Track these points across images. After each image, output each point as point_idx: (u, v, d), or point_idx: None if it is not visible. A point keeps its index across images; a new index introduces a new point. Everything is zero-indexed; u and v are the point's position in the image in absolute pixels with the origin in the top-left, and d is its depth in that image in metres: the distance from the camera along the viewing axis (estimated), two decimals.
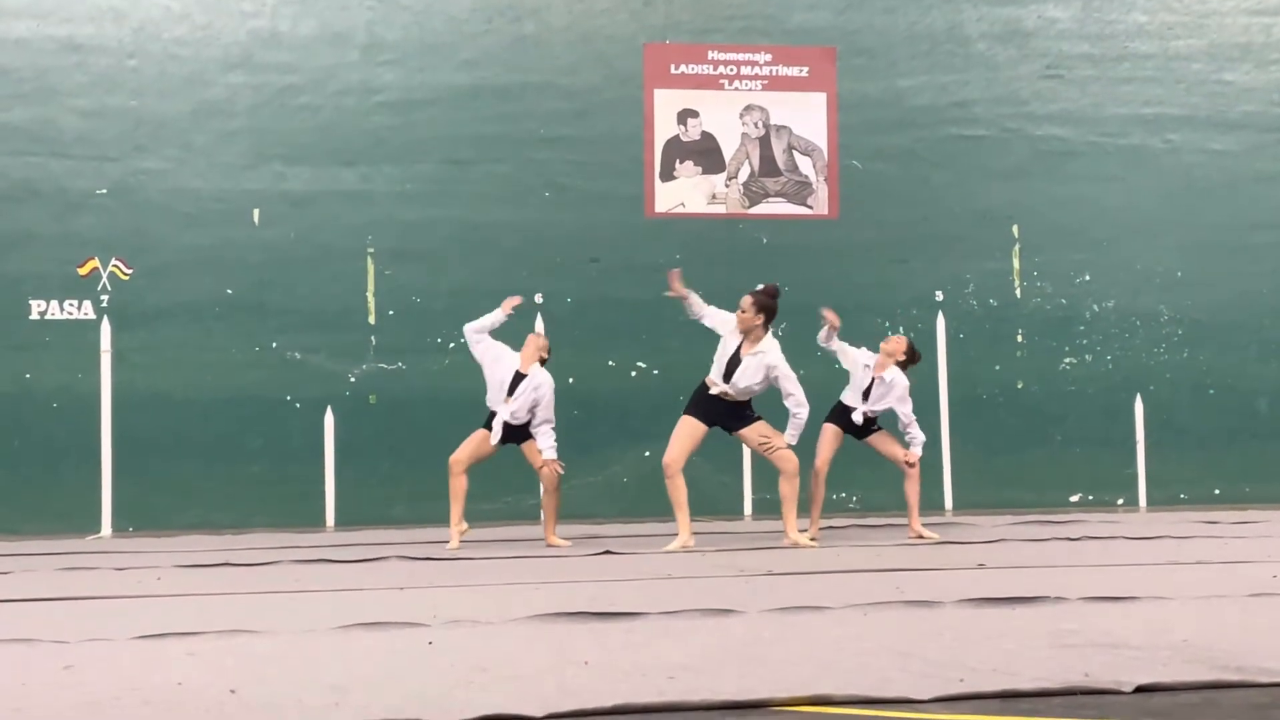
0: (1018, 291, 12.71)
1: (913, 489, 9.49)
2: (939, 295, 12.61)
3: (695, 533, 9.10)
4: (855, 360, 9.46)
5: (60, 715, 3.56)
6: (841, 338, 9.44)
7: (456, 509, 9.14)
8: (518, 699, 3.70)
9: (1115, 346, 12.74)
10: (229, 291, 11.64)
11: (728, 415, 8.94)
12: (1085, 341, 12.73)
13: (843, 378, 9.53)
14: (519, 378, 9.12)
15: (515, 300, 9.33)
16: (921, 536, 9.37)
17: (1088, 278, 12.76)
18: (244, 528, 11.11)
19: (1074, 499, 12.44)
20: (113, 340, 11.55)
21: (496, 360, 9.22)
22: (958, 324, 12.63)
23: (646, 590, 6.40)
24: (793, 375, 8.78)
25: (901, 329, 12.37)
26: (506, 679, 4.05)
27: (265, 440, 11.68)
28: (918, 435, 9.38)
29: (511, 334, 9.33)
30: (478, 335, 9.25)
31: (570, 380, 12.13)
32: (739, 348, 8.79)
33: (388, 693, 3.85)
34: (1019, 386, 12.62)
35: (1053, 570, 7.02)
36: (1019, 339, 12.72)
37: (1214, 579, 6.49)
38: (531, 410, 9.07)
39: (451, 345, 11.45)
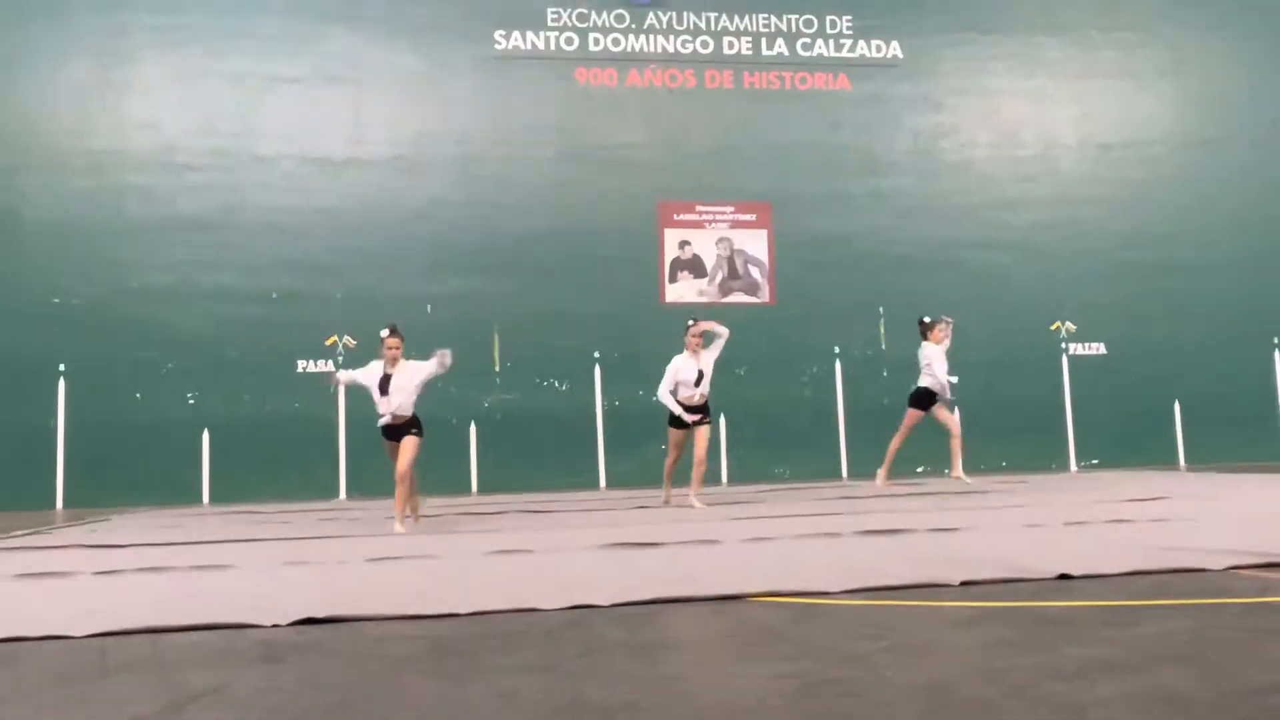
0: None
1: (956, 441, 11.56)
2: (837, 349, 17.04)
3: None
4: (934, 356, 11.53)
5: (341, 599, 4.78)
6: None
7: (401, 506, 9.29)
8: (593, 596, 4.69)
9: None
10: (413, 354, 14.60)
11: (699, 412, 10.66)
12: None
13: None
14: (386, 379, 9.17)
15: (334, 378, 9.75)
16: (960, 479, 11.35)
17: None
18: (428, 494, 13.27)
19: None
20: (344, 386, 13.15)
21: (369, 381, 9.23)
22: (850, 367, 17.00)
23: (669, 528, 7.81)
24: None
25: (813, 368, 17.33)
26: (585, 584, 5.03)
27: (439, 445, 13.96)
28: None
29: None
30: (350, 382, 9.42)
31: (617, 403, 16.49)
32: (693, 363, 10.64)
33: (505, 593, 4.91)
34: None
35: None
36: None
37: None
38: (415, 393, 9.21)
39: (544, 383, 16.41)
